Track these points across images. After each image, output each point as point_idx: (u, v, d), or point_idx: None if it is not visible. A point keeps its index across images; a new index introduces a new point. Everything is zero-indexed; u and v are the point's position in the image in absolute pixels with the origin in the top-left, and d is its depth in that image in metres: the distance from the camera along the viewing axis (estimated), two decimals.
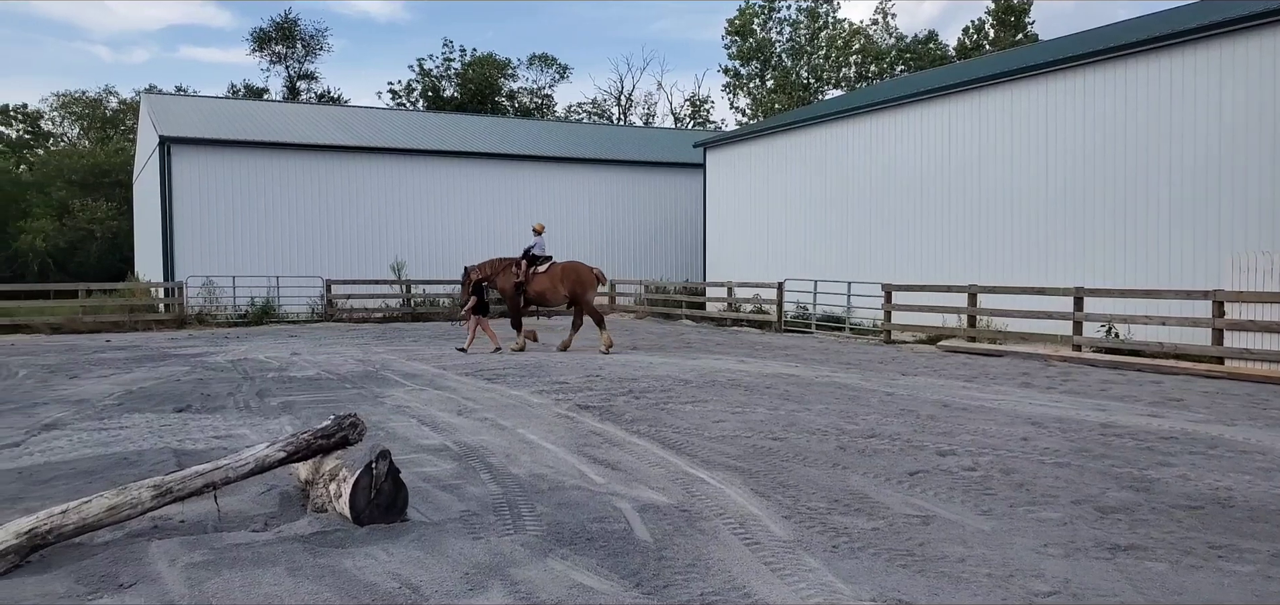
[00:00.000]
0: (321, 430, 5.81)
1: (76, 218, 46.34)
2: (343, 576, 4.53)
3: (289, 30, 56.33)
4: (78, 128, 59.49)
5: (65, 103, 59.18)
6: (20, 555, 4.65)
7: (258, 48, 56.87)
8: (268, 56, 57.15)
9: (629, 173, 32.95)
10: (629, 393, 11.05)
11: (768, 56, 54.30)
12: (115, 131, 56.60)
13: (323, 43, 58.12)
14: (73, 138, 58.99)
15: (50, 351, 17.01)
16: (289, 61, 57.21)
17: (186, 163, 26.18)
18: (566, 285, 16.73)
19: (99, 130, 57.81)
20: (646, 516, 5.64)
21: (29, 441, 8.20)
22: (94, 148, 53.75)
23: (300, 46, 57.00)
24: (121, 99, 59.27)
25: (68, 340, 19.81)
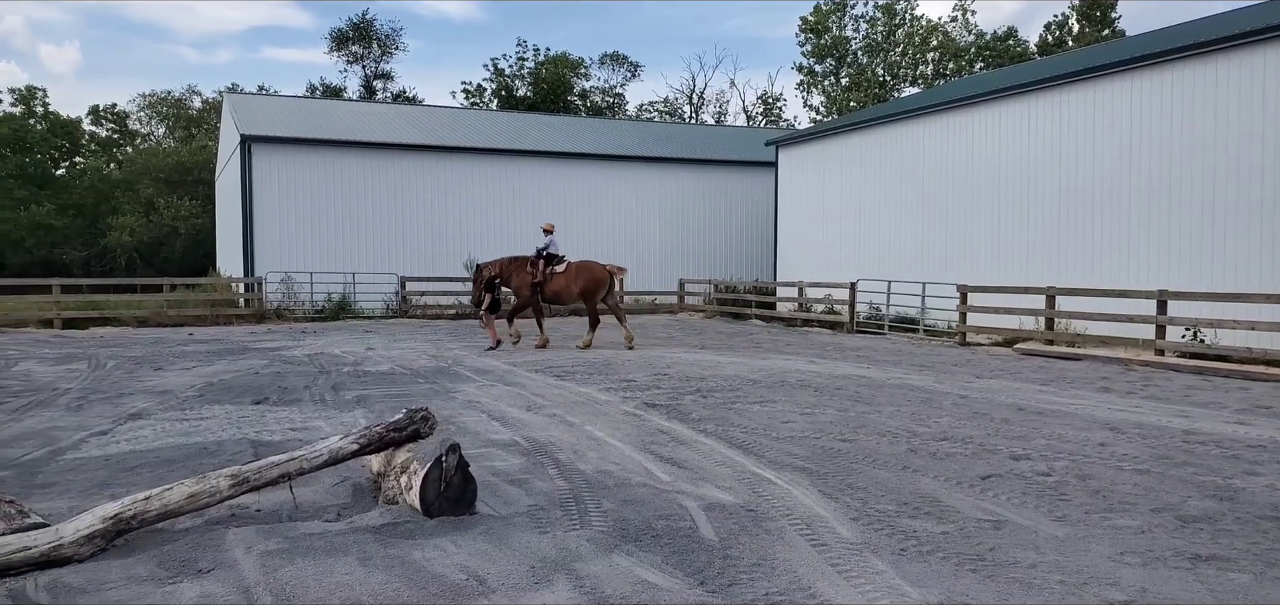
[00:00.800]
0: (393, 423, 5.91)
1: (161, 215, 48.10)
2: (412, 567, 4.60)
3: (366, 30, 57.62)
4: (163, 127, 61.80)
5: (152, 103, 61.57)
6: (106, 539, 4.83)
7: (335, 48, 58.32)
8: (345, 56, 58.57)
9: (699, 171, 32.88)
10: (696, 392, 11.02)
11: (843, 54, 53.64)
12: (199, 130, 58.61)
13: (398, 42, 59.34)
14: (159, 137, 61.29)
15: (136, 344, 17.67)
16: (365, 61, 58.54)
17: (266, 161, 26.97)
18: (580, 283, 17.07)
19: (183, 129, 59.94)
20: (712, 515, 5.62)
21: (116, 430, 8.52)
22: (178, 147, 55.76)
23: (376, 46, 58.28)
24: (204, 99, 61.40)
25: (153, 333, 20.55)
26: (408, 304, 26.07)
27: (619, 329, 17.85)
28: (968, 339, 18.48)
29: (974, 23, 54.56)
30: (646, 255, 31.49)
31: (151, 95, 61.36)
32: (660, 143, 35.51)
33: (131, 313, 23.30)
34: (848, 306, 22.12)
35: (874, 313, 22.56)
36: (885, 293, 21.39)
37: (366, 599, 4.19)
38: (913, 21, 52.92)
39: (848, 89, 52.44)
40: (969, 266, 20.93)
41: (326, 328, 22.04)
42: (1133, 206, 17.62)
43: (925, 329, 20.32)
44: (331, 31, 61.94)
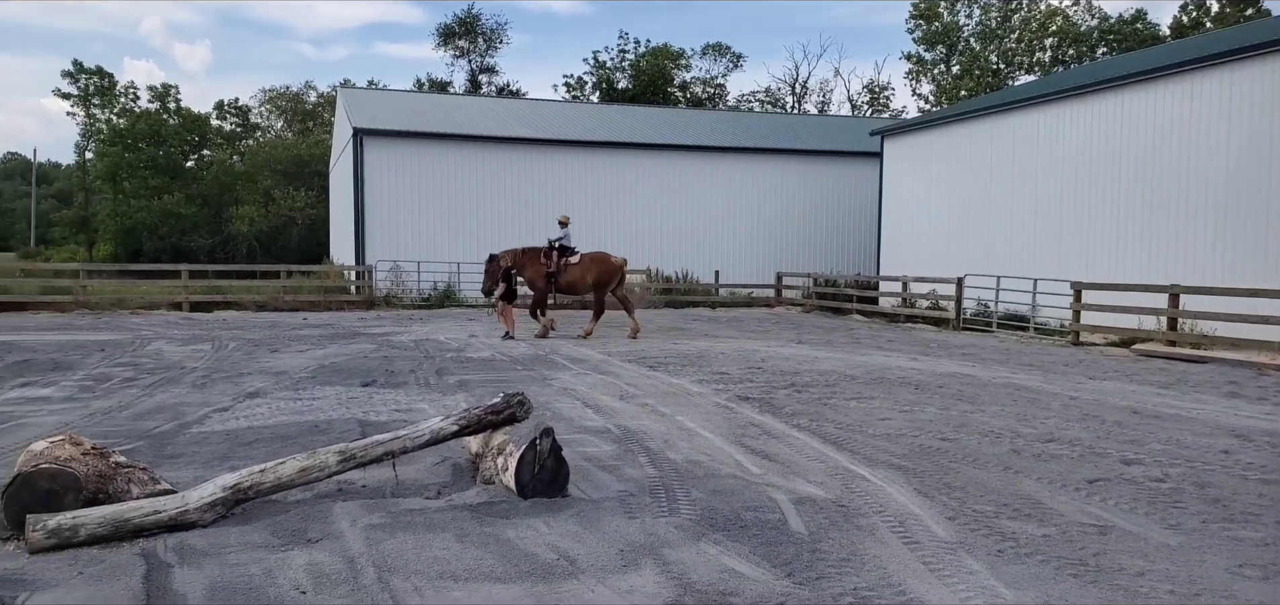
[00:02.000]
0: (491, 407, 6.09)
1: (279, 205, 50.29)
2: (506, 545, 4.75)
3: (472, 26, 58.92)
4: (281, 121, 64.59)
5: (271, 98, 64.44)
6: (226, 506, 5.14)
7: (443, 43, 59.84)
8: (452, 51, 60.04)
9: (800, 162, 32.49)
10: (791, 386, 10.94)
11: (954, 41, 52.10)
12: (314, 124, 61.01)
13: (503, 37, 60.49)
14: (277, 130, 64.09)
15: (255, 327, 18.56)
16: (471, 56, 59.89)
17: (377, 153, 27.91)
18: (593, 274, 17.36)
19: (300, 123, 62.51)
20: (802, 509, 5.60)
21: (235, 407, 9.01)
22: (295, 140, 58.18)
23: (482, 41, 59.55)
24: (320, 94, 63.87)
25: (270, 317, 21.54)
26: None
27: (625, 320, 18.10)
28: (1081, 338, 17.77)
29: (1098, 6, 51.96)
30: (744, 247, 31.33)
31: (272, 90, 64.31)
32: (760, 133, 35.24)
33: (251, 297, 24.47)
34: (954, 302, 21.55)
35: (982, 309, 21.92)
36: (994, 289, 20.76)
37: (462, 573, 4.35)
38: (1030, 5, 50.97)
39: (959, 77, 50.90)
40: (1084, 263, 20.11)
41: (432, 315, 22.70)
42: (1271, 200, 16.60)
43: (1036, 327, 19.64)
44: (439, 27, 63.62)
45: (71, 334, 16.14)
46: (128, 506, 4.94)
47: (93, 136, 56.09)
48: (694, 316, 23.54)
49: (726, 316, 23.92)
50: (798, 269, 30.44)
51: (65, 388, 10.15)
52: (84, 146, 58.48)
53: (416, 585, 4.20)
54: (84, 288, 23.49)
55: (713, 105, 57.45)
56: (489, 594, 4.13)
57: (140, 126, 52.09)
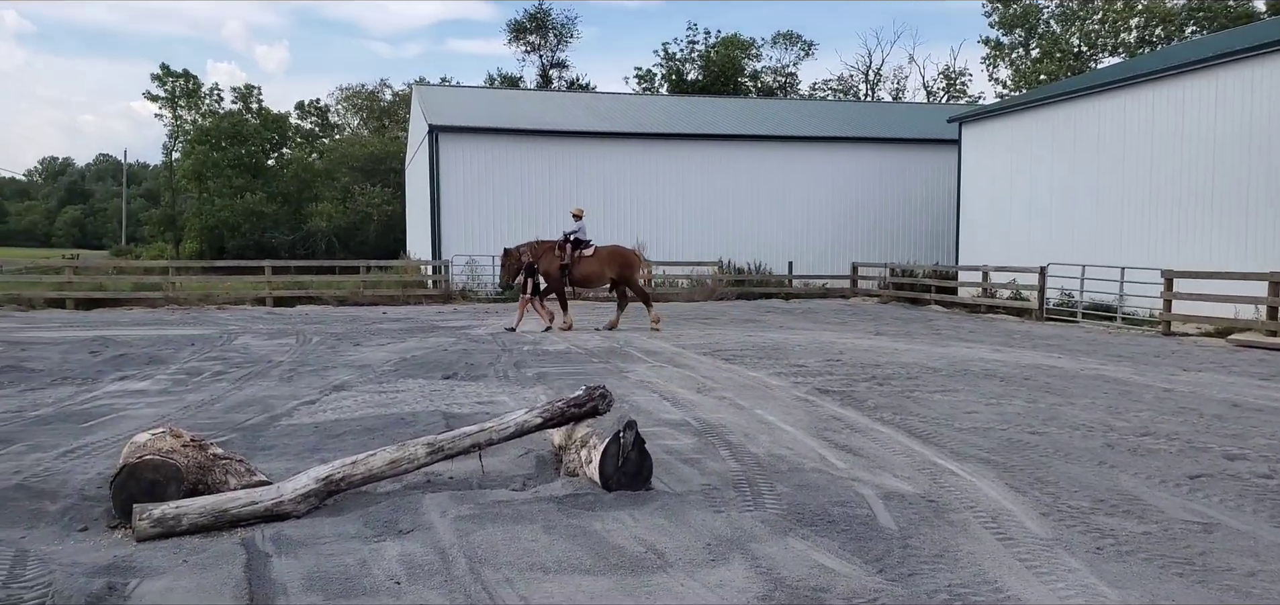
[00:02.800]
0: (574, 400, 6.12)
1: (356, 201, 51.41)
2: (593, 537, 4.76)
3: (542, 21, 59.34)
4: (357, 119, 66.00)
5: (348, 96, 65.90)
6: (319, 498, 5.27)
7: (514, 38, 60.39)
8: (523, 47, 60.55)
9: (874, 150, 31.97)
10: (872, 379, 10.77)
11: (1033, 23, 50.57)
12: (390, 121, 62.19)
13: (573, 31, 60.81)
14: (354, 127, 65.53)
15: (337, 321, 19.01)
16: (542, 51, 60.31)
17: (452, 149, 28.33)
18: (613, 267, 17.22)
19: (376, 121, 63.78)
20: (890, 504, 5.50)
21: (322, 400, 9.23)
22: (371, 138, 59.41)
23: (552, 36, 59.92)
24: (394, 91, 65.09)
25: (351, 311, 22.04)
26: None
27: (616, 314, 17.94)
28: (1172, 329, 17.14)
29: None
30: (818, 238, 30.97)
31: (348, 89, 65.78)
32: (833, 122, 34.78)
33: (332, 292, 25.07)
34: (1037, 292, 20.97)
35: (1066, 299, 21.29)
36: (1078, 278, 20.14)
37: (552, 565, 4.38)
38: None
39: (1038, 61, 49.40)
40: (1175, 250, 19.37)
41: (508, 308, 22.92)
42: None
43: (1123, 317, 19.00)
44: (510, 23, 64.22)
45: (162, 329, 16.75)
46: (226, 497, 5.09)
47: (179, 137, 58.09)
48: (767, 308, 23.37)
49: (800, 308, 23.69)
50: (873, 259, 29.99)
51: (160, 381, 10.53)
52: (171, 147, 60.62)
53: (507, 576, 4.24)
54: (173, 284, 24.35)
55: (784, 95, 56.90)
56: (579, 586, 4.15)
57: (224, 127, 53.77)
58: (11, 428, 7.64)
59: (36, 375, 10.69)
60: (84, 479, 5.84)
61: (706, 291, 26.32)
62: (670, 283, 27.37)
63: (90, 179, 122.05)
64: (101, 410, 8.54)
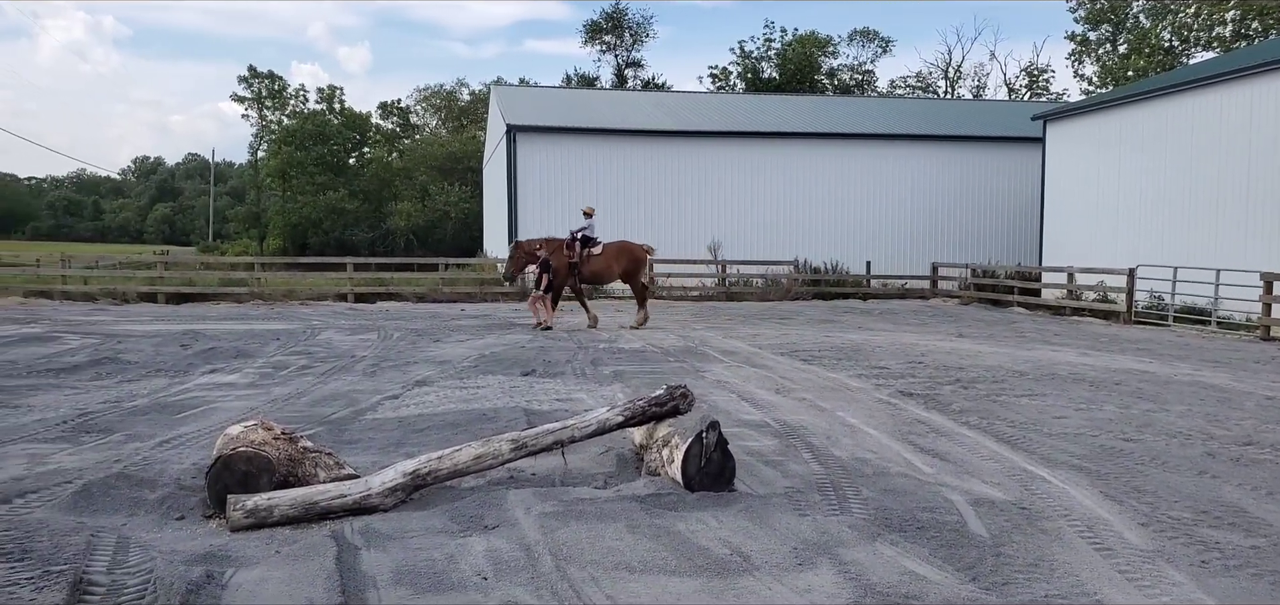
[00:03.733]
0: (655, 399, 6.09)
1: (434, 200, 52.35)
2: (677, 538, 4.73)
3: (618, 20, 59.59)
4: (436, 118, 67.19)
5: (427, 96, 67.17)
6: (406, 492, 5.34)
7: (589, 38, 60.76)
8: (598, 46, 60.89)
9: (954, 149, 31.28)
10: (956, 382, 10.52)
11: (1122, 17, 48.87)
12: (467, 121, 63.17)
13: (649, 31, 60.92)
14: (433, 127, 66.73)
15: (417, 317, 19.33)
16: (618, 50, 60.57)
17: (529, 148, 28.61)
18: (621, 264, 17.32)
19: (454, 121, 64.85)
20: (981, 511, 5.34)
21: (405, 395, 9.38)
22: (449, 138, 60.43)
23: (628, 35, 60.13)
24: (472, 91, 66.11)
25: (430, 308, 22.39)
26: (654, 284, 26.70)
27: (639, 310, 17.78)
28: (1272, 333, 16.37)
29: None
30: (896, 238, 30.44)
31: (427, 89, 67.05)
32: (911, 120, 34.13)
33: (411, 289, 25.50)
34: (1124, 295, 20.25)
35: (1155, 302, 20.52)
36: (1170, 280, 19.39)
37: (637, 565, 4.36)
38: None
39: (1127, 57, 47.73)
40: (1276, 252, 18.50)
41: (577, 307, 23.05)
42: None
43: (1218, 321, 18.22)
44: (586, 23, 64.67)
45: (248, 323, 17.24)
46: (316, 490, 5.19)
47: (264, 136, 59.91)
48: (844, 308, 23.04)
49: (879, 308, 23.30)
50: (952, 260, 29.35)
51: (248, 374, 10.83)
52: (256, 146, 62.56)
53: (593, 575, 4.23)
54: (258, 280, 25.10)
55: (861, 93, 56.09)
56: (666, 587, 4.12)
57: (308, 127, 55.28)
58: (111, 418, 7.94)
59: (131, 367, 11.09)
60: (179, 469, 6.01)
61: (782, 291, 26.07)
62: (744, 282, 27.18)
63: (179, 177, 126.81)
64: (193, 402, 8.82)
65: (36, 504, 5.18)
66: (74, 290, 23.46)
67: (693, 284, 26.87)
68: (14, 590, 3.89)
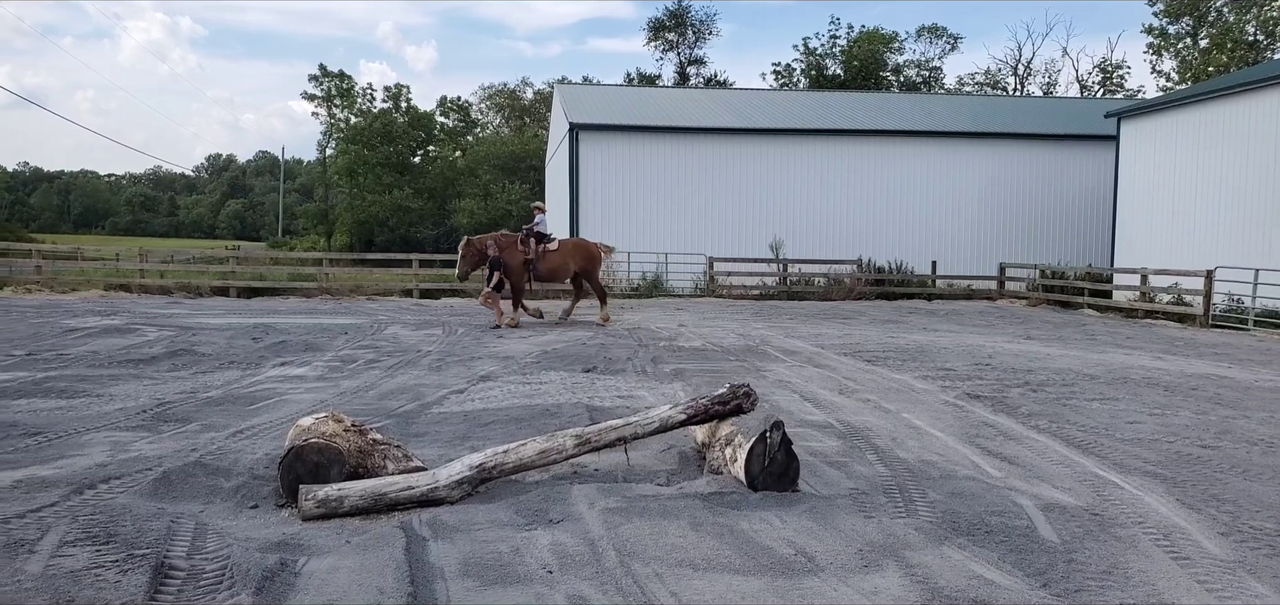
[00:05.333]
0: (718, 397, 6.08)
1: (496, 198, 52.95)
2: (740, 537, 4.71)
3: (681, 18, 59.60)
4: (499, 117, 67.92)
5: (490, 95, 67.95)
6: (472, 485, 5.41)
7: (652, 37, 60.88)
8: (661, 45, 60.95)
9: (1023, 147, 30.62)
10: (1024, 384, 10.29)
11: (1202, 11, 47.25)
12: (530, 120, 63.74)
13: (712, 28, 60.81)
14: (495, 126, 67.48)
15: (480, 313, 19.53)
16: (680, 48, 60.58)
17: (591, 146, 28.76)
18: (577, 261, 17.25)
19: (516, 120, 65.49)
20: (1051, 516, 5.23)
21: (470, 389, 9.50)
22: (511, 136, 61.06)
23: (691, 33, 60.10)
24: (535, 90, 66.69)
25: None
26: (715, 283, 26.69)
27: (570, 305, 18.13)
28: None
29: None
30: (962, 237, 29.91)
31: (491, 88, 67.83)
32: (979, 117, 33.49)
33: (475, 286, 25.80)
34: (1202, 297, 19.61)
35: (1234, 305, 19.82)
36: (1250, 283, 18.71)
37: (700, 563, 4.35)
38: None
39: (1207, 52, 46.14)
40: None
41: (641, 304, 23.14)
42: None
43: None
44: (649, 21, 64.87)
45: (317, 318, 17.64)
46: (385, 481, 5.29)
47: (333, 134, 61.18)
48: (909, 309, 22.70)
49: (944, 309, 22.92)
50: (1020, 260, 28.73)
51: (317, 367, 11.08)
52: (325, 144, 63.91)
53: (657, 571, 4.24)
54: (326, 275, 25.64)
55: (928, 90, 55.20)
56: (730, 586, 4.11)
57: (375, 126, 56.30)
58: (187, 407, 8.20)
59: (205, 359, 11.43)
60: (252, 459, 6.18)
61: (844, 291, 25.80)
62: (806, 281, 26.96)
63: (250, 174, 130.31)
64: (265, 394, 9.05)
65: (120, 489, 5.37)
66: (151, 284, 24.26)
67: (753, 283, 26.74)
68: (100, 572, 4.04)
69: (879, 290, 26.50)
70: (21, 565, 4.12)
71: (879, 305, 23.94)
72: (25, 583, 3.92)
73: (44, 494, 5.22)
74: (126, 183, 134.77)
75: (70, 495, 5.21)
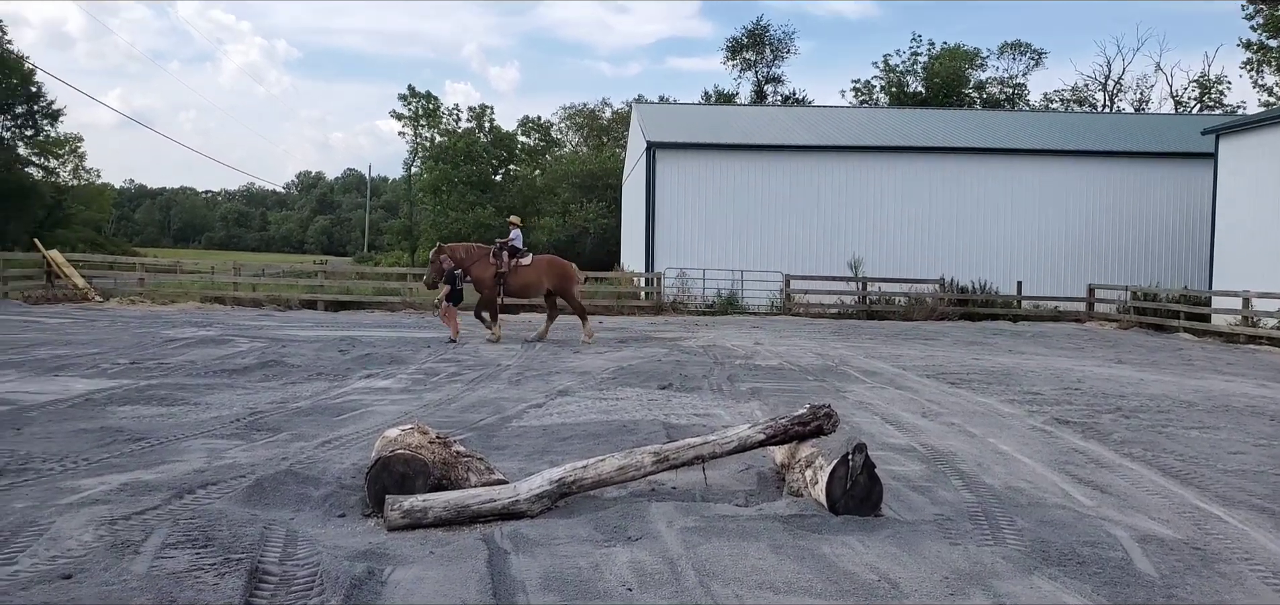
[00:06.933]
0: (798, 418, 6.02)
1: (574, 216, 53.42)
2: (822, 561, 4.64)
3: (760, 36, 59.45)
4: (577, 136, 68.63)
5: (570, 114, 68.75)
6: (552, 499, 5.46)
7: (731, 56, 60.84)
8: (739, 63, 60.86)
9: (1113, 164, 29.67)
10: (1116, 411, 9.93)
11: None
12: (607, 139, 64.21)
13: (791, 46, 60.50)
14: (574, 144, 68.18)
15: (556, 329, 19.70)
16: (758, 66, 60.39)
17: (668, 164, 28.86)
18: (551, 279, 17.07)
19: (595, 138, 66.06)
20: (1148, 548, 5.03)
21: (548, 404, 9.60)
22: (590, 155, 61.59)
23: (769, 51, 59.89)
24: (613, 109, 67.21)
25: (570, 320, 22.76)
26: (791, 301, 26.44)
27: (545, 325, 17.80)
28: None
29: None
30: (1048, 257, 29.10)
31: (570, 107, 68.65)
32: (1065, 134, 32.56)
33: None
34: None
35: None
36: None
37: (781, 586, 4.31)
38: None
39: None
40: None
41: (716, 321, 23.06)
42: None
43: None
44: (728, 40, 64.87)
45: (400, 331, 18.03)
46: (468, 494, 5.37)
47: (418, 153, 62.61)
48: (993, 330, 22.13)
49: (1030, 331, 22.28)
50: (1110, 281, 27.78)
51: (401, 379, 11.33)
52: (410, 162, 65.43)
53: (737, 593, 4.21)
54: (409, 290, 26.19)
55: (1011, 107, 53.91)
56: None
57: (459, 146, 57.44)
58: (278, 417, 8.46)
59: (295, 370, 11.78)
60: (340, 469, 6.34)
61: (926, 311, 25.28)
62: (886, 300, 26.51)
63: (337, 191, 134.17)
64: (351, 405, 9.29)
65: (216, 495, 5.57)
66: (244, 296, 25.15)
67: (831, 301, 26.43)
68: (200, 574, 4.19)
69: (961, 310, 25.90)
70: (128, 565, 4.30)
71: (962, 326, 23.40)
72: (131, 582, 4.10)
73: (147, 497, 5.45)
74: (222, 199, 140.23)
75: (171, 499, 5.42)
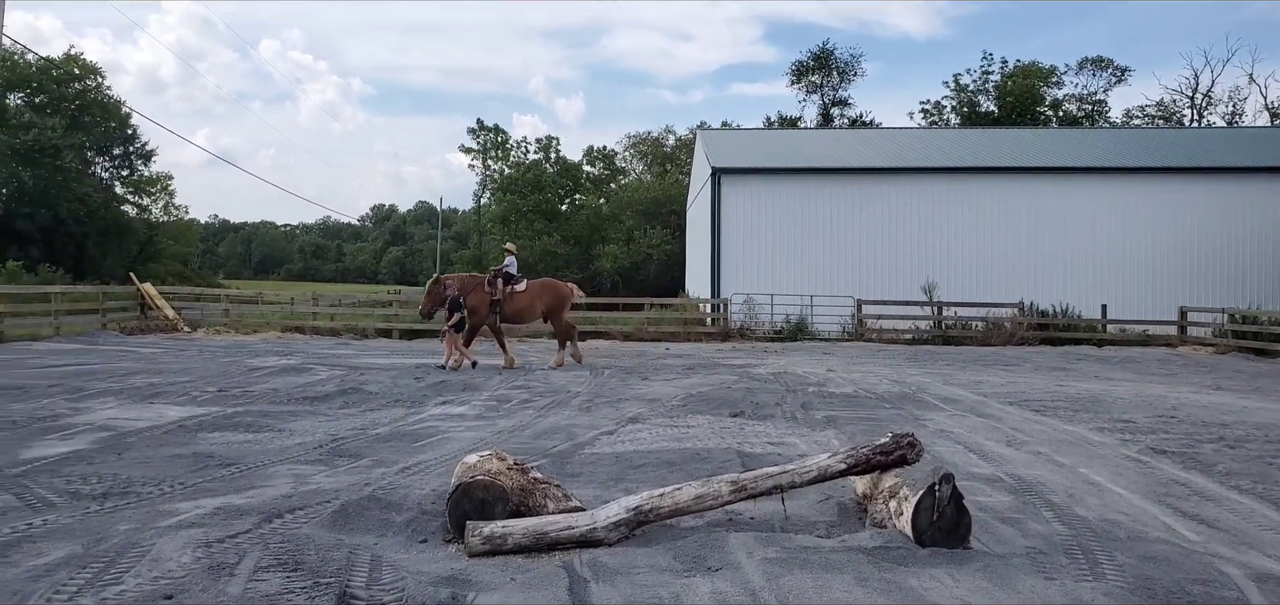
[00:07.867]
0: (881, 447, 5.86)
1: (638, 243, 53.61)
2: (910, 594, 4.49)
3: (825, 60, 59.10)
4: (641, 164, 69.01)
5: (634, 143, 69.22)
6: (629, 528, 5.39)
7: (796, 80, 60.58)
8: (804, 87, 60.58)
9: (1203, 181, 28.60)
10: (1219, 440, 9.47)
11: None
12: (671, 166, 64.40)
13: (857, 68, 60.00)
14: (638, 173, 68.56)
15: (625, 356, 19.76)
16: (824, 90, 60.02)
17: (733, 190, 28.77)
18: (545, 302, 17.07)
19: (659, 166, 66.33)
20: (1265, 587, 4.74)
21: (619, 431, 9.55)
22: (653, 182, 61.85)
23: (835, 74, 59.47)
24: (677, 137, 67.43)
25: (636, 347, 22.84)
26: (863, 327, 26.03)
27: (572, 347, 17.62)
28: None
29: None
30: (1135, 279, 28.14)
31: (634, 136, 69.12)
32: (1151, 151, 31.57)
33: (618, 328, 26.15)
34: None
35: None
36: None
37: None
38: None
39: None
40: None
41: (785, 348, 22.80)
42: None
43: None
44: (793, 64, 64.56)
45: None
46: (546, 520, 5.34)
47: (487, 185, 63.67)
48: (1077, 356, 21.44)
49: (1117, 356, 21.52)
50: (1202, 303, 26.72)
51: (475, 406, 11.42)
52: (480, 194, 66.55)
53: None
54: None
55: (1091, 124, 52.52)
56: None
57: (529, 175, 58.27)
58: (359, 443, 8.58)
59: (373, 397, 11.97)
60: (420, 494, 6.37)
61: (1005, 336, 24.66)
62: (962, 325, 25.92)
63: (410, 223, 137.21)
64: (428, 431, 9.38)
65: (303, 519, 5.64)
66: (322, 326, 25.75)
67: (904, 326, 25.91)
68: (291, 597, 4.24)
69: (1043, 335, 25.16)
70: (224, 587, 4.39)
71: (1043, 351, 22.72)
72: (227, 604, 4.16)
73: (239, 521, 5.56)
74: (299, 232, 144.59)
75: (261, 524, 5.52)
